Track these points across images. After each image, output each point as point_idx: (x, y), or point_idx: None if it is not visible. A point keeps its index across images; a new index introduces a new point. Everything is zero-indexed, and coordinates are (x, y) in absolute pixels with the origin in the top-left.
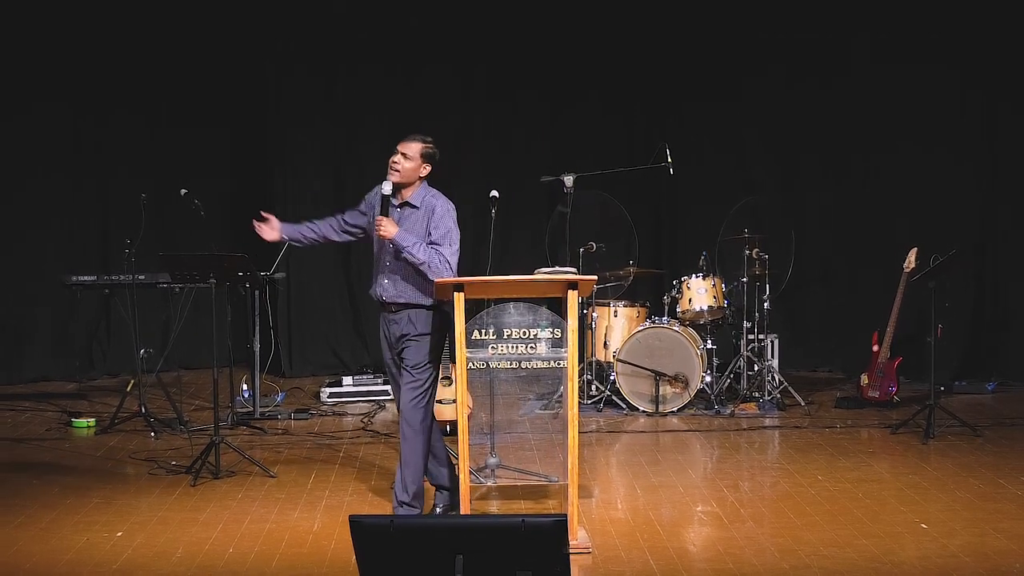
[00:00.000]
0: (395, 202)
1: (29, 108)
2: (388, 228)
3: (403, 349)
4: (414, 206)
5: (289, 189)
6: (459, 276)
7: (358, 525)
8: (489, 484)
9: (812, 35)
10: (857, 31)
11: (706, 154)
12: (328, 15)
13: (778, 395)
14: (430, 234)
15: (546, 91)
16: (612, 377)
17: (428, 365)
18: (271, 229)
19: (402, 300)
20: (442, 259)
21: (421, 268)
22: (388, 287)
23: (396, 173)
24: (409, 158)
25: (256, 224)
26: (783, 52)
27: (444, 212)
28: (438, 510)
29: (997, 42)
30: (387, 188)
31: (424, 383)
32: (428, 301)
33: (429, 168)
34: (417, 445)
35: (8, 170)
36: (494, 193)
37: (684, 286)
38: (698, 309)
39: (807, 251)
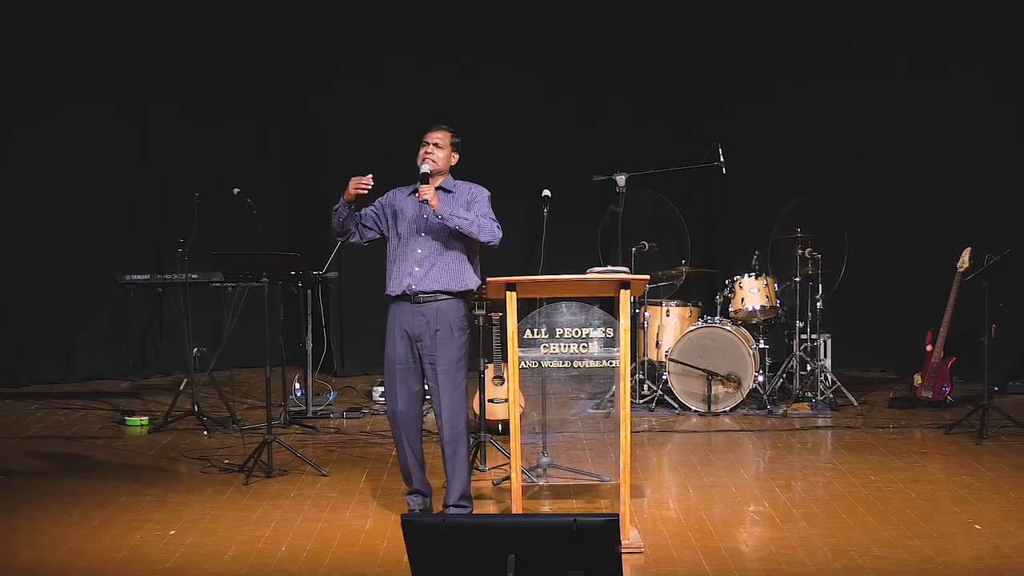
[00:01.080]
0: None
1: (87, 106)
2: (431, 194)
3: (436, 347)
4: (448, 190)
5: (342, 188)
6: (511, 276)
7: (410, 524)
8: (541, 483)
9: (864, 35)
10: (906, 31)
11: (758, 153)
12: (380, 11)
13: (831, 395)
14: (470, 209)
15: (598, 90)
16: (664, 377)
17: (463, 364)
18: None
19: (433, 288)
20: (490, 220)
21: (470, 229)
22: (418, 275)
23: (432, 162)
24: (441, 147)
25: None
26: (835, 52)
27: (480, 191)
28: (417, 511)
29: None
30: (427, 168)
31: (463, 383)
32: (458, 287)
33: (457, 157)
34: (464, 449)
35: (63, 168)
36: (546, 192)
37: (736, 285)
38: (750, 309)
39: (860, 250)
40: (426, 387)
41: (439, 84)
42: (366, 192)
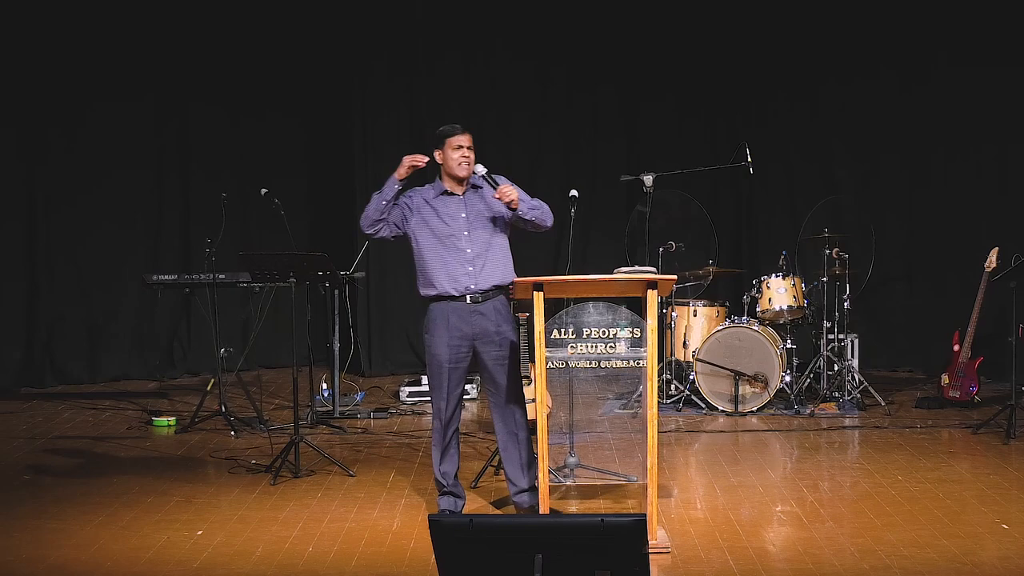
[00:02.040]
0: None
1: (111, 106)
2: (515, 195)
3: (501, 344)
4: (478, 187)
5: (371, 188)
6: (538, 276)
7: (437, 524)
8: (568, 483)
9: (892, 36)
10: (938, 32)
11: (786, 154)
12: (407, 14)
13: (858, 395)
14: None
15: (625, 90)
16: (691, 377)
17: (518, 357)
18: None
19: (490, 284)
20: (545, 204)
21: (543, 218)
22: (473, 274)
23: (469, 165)
24: (472, 149)
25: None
26: (864, 53)
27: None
28: (449, 512)
29: None
30: (481, 169)
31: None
32: (508, 280)
33: None
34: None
35: (89, 168)
36: (573, 193)
37: (764, 286)
38: (778, 309)
39: (887, 251)
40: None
41: (467, 84)
42: (421, 167)
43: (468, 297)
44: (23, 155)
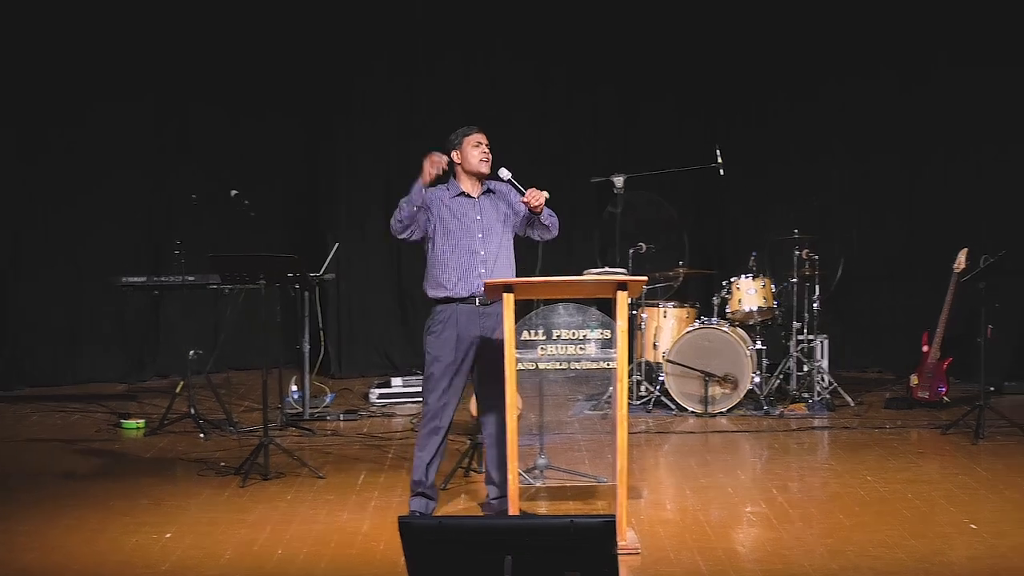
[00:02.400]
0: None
1: (85, 112)
2: (540, 196)
3: (500, 347)
4: (491, 191)
5: (342, 189)
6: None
7: (407, 526)
8: (538, 485)
9: (863, 40)
10: (896, 35)
11: (756, 156)
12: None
13: (827, 396)
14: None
15: (598, 92)
16: (661, 378)
17: None
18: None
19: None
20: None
21: (554, 222)
22: (485, 276)
23: (489, 162)
24: (489, 147)
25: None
26: (834, 57)
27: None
28: (420, 514)
29: None
30: (506, 173)
31: None
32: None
33: None
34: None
35: (61, 174)
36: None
37: (734, 287)
38: (748, 310)
39: (857, 252)
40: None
41: (440, 87)
42: (445, 169)
43: (477, 299)
44: None
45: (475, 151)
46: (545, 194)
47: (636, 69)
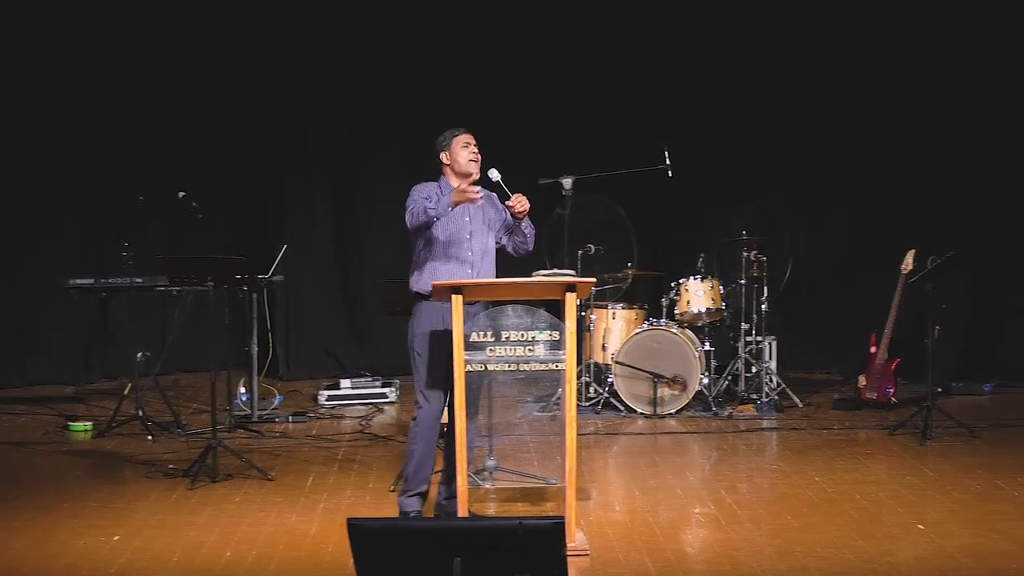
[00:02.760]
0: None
1: (36, 114)
2: (526, 206)
3: None
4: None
5: (289, 192)
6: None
7: (356, 528)
8: (487, 486)
9: (814, 41)
10: (848, 37)
11: (705, 157)
12: (333, 15)
13: (776, 397)
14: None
15: (546, 93)
16: (610, 379)
17: None
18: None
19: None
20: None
21: (532, 233)
22: (471, 276)
23: (479, 162)
24: (478, 147)
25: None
26: (784, 58)
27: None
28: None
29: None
30: (496, 175)
31: None
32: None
33: None
34: None
35: (10, 176)
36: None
37: (682, 288)
38: (696, 311)
39: (805, 253)
40: None
41: (389, 90)
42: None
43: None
44: None
45: (464, 151)
46: (525, 204)
47: (579, 68)
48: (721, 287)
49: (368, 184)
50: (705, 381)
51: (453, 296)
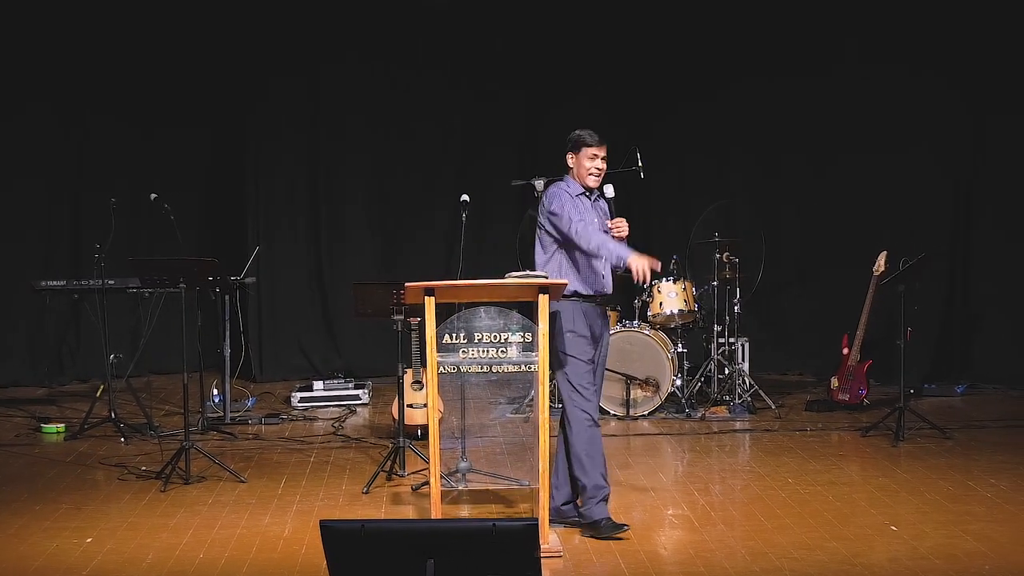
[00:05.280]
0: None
1: (4, 114)
2: (627, 229)
3: (607, 345)
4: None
5: (262, 194)
6: (430, 280)
7: (329, 530)
8: (460, 488)
9: (784, 41)
10: (833, 35)
11: (678, 158)
12: (301, 18)
13: (748, 398)
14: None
15: (520, 95)
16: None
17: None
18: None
19: (610, 287)
20: None
21: (619, 270)
22: (605, 277)
23: (599, 179)
24: (605, 161)
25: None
26: (753, 58)
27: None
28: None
29: (980, 46)
30: (611, 191)
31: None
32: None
33: None
34: None
35: None
36: (464, 197)
37: (655, 290)
38: (669, 313)
39: (778, 255)
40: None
41: (360, 93)
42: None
43: (599, 299)
44: None
45: (589, 164)
46: (626, 231)
47: (553, 73)
48: (694, 289)
49: (340, 186)
50: (678, 383)
51: (426, 297)
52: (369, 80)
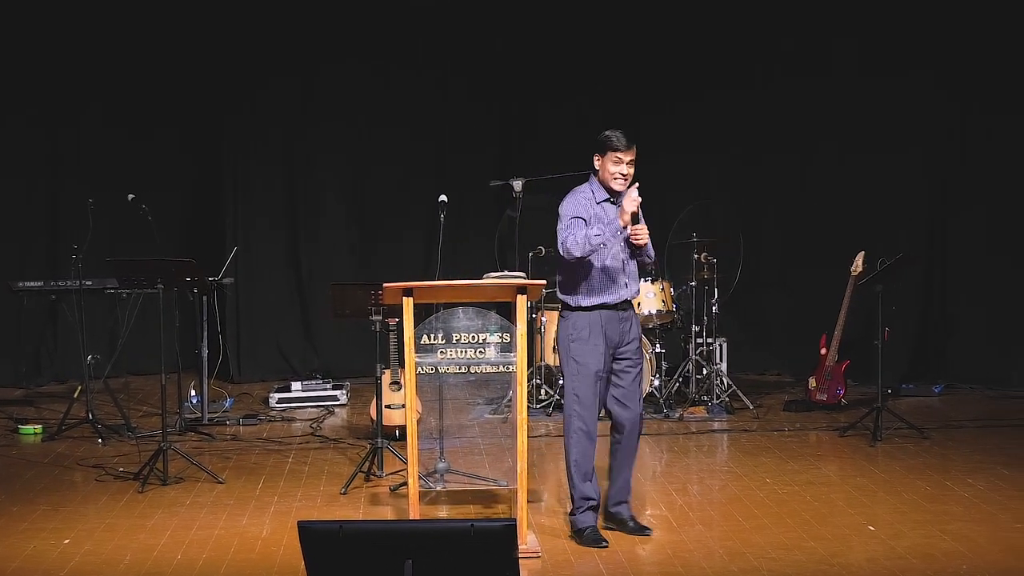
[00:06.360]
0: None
1: None
2: (647, 236)
3: (635, 352)
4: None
5: (240, 194)
6: (408, 281)
7: (307, 530)
8: (438, 489)
9: (759, 41)
10: (814, 38)
11: (656, 157)
12: (280, 20)
13: (726, 399)
14: None
15: (500, 95)
16: (561, 381)
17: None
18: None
19: (633, 294)
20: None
21: (649, 260)
22: (631, 287)
23: (625, 184)
24: (632, 165)
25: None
26: (732, 59)
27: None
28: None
29: (964, 46)
30: (636, 193)
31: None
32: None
33: None
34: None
35: None
36: (443, 198)
37: None
38: (647, 313)
39: (756, 255)
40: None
41: (339, 93)
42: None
43: (620, 306)
44: None
45: (614, 168)
46: (645, 237)
47: (533, 73)
48: (672, 289)
49: (318, 186)
50: (656, 383)
51: (404, 298)
52: (348, 80)
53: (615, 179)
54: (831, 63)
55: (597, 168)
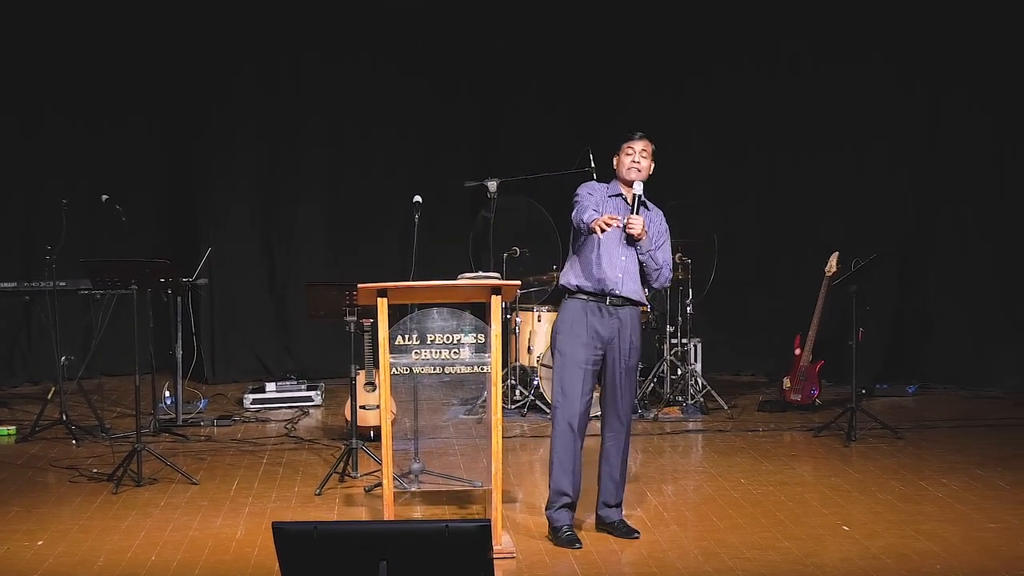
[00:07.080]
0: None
1: None
2: (640, 227)
3: (630, 352)
4: (648, 208)
5: (214, 195)
6: (382, 281)
7: (281, 531)
8: (413, 490)
9: (737, 38)
10: (788, 34)
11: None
12: (255, 17)
13: (701, 399)
14: (659, 245)
15: (475, 95)
16: (536, 382)
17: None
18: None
19: (628, 296)
20: (668, 270)
21: (654, 272)
22: (619, 281)
23: (640, 172)
24: (646, 156)
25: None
26: (709, 55)
27: (663, 222)
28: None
29: (938, 43)
30: (640, 188)
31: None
32: (642, 300)
33: (652, 167)
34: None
35: None
36: (417, 198)
37: None
38: None
39: (730, 255)
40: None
41: (314, 92)
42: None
43: (608, 299)
44: None
45: (626, 159)
46: (639, 228)
47: (503, 73)
48: (646, 289)
49: (293, 186)
50: None
51: (378, 298)
52: (324, 79)
53: (629, 169)
54: (808, 60)
55: (615, 167)
